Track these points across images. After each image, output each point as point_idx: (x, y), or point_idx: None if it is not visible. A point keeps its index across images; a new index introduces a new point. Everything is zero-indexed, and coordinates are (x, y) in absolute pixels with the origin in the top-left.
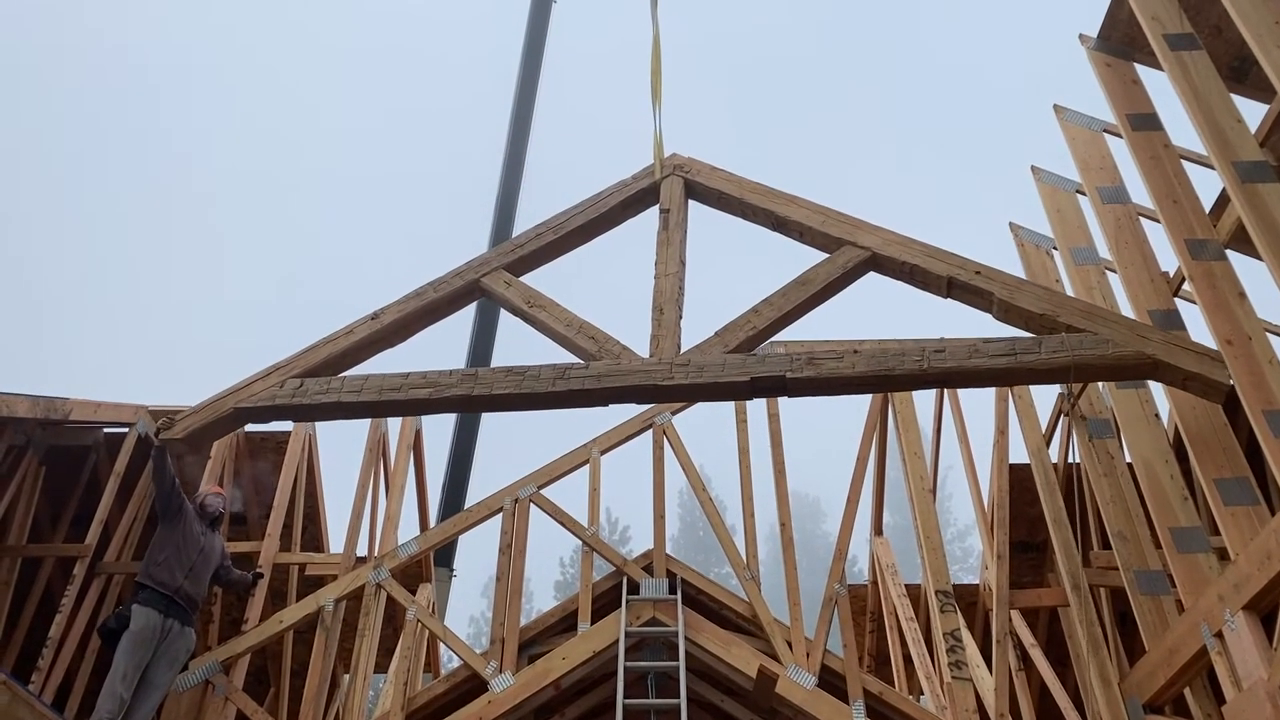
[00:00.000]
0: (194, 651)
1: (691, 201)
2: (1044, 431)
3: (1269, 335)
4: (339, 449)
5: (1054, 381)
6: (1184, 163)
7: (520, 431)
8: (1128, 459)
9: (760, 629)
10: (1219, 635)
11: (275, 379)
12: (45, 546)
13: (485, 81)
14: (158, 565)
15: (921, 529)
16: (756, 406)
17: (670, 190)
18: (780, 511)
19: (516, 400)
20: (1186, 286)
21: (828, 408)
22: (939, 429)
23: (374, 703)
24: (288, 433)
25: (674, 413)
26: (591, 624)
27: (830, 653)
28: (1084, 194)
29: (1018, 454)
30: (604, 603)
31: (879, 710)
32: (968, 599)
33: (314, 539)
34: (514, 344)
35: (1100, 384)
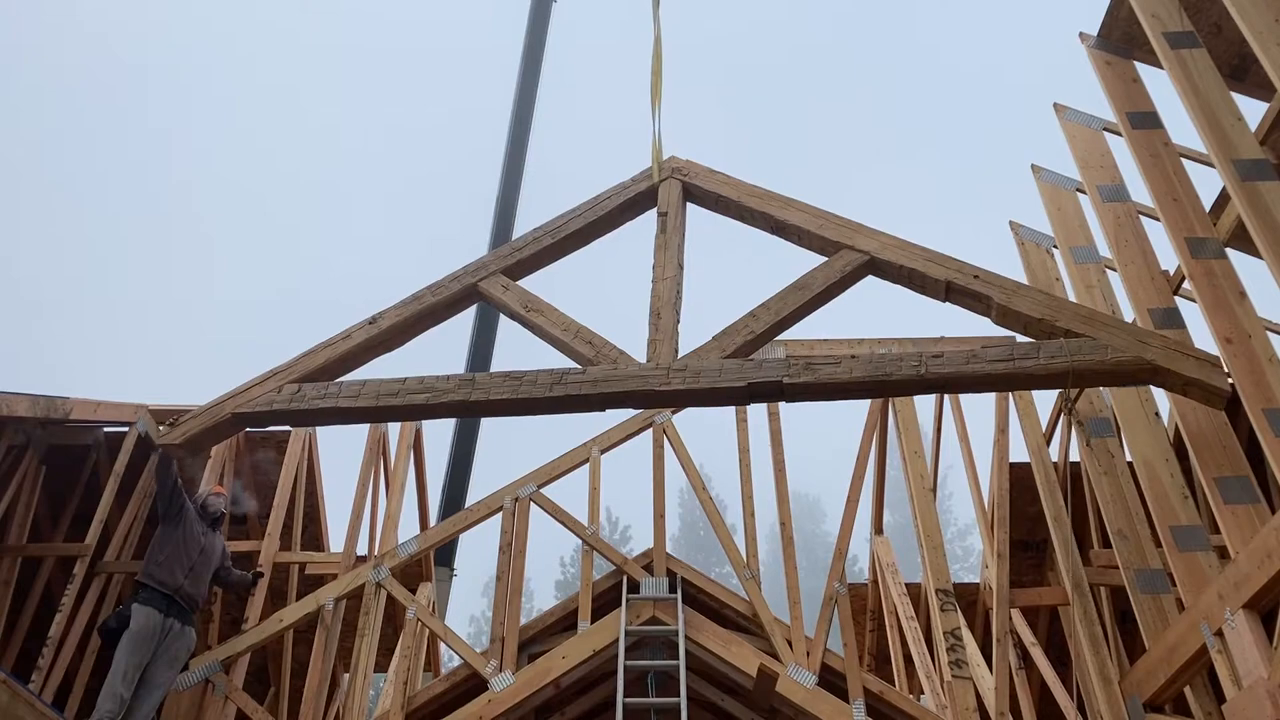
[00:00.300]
0: (194, 651)
1: (690, 205)
2: (1044, 431)
3: (1269, 333)
4: (339, 448)
5: (1052, 387)
6: (1184, 161)
7: (520, 430)
8: (1128, 457)
9: (760, 628)
10: (1219, 634)
11: (273, 384)
12: (45, 546)
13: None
14: (158, 565)
15: (922, 528)
16: (757, 406)
17: (668, 193)
18: (780, 510)
19: (513, 405)
20: (1186, 285)
21: (828, 407)
22: (939, 428)
23: (374, 702)
24: (288, 431)
25: (674, 412)
26: (592, 623)
27: (830, 652)
28: (1084, 192)
29: (1018, 453)
30: (604, 602)
31: (879, 709)
32: (968, 598)
33: (314, 538)
34: (515, 347)
35: None
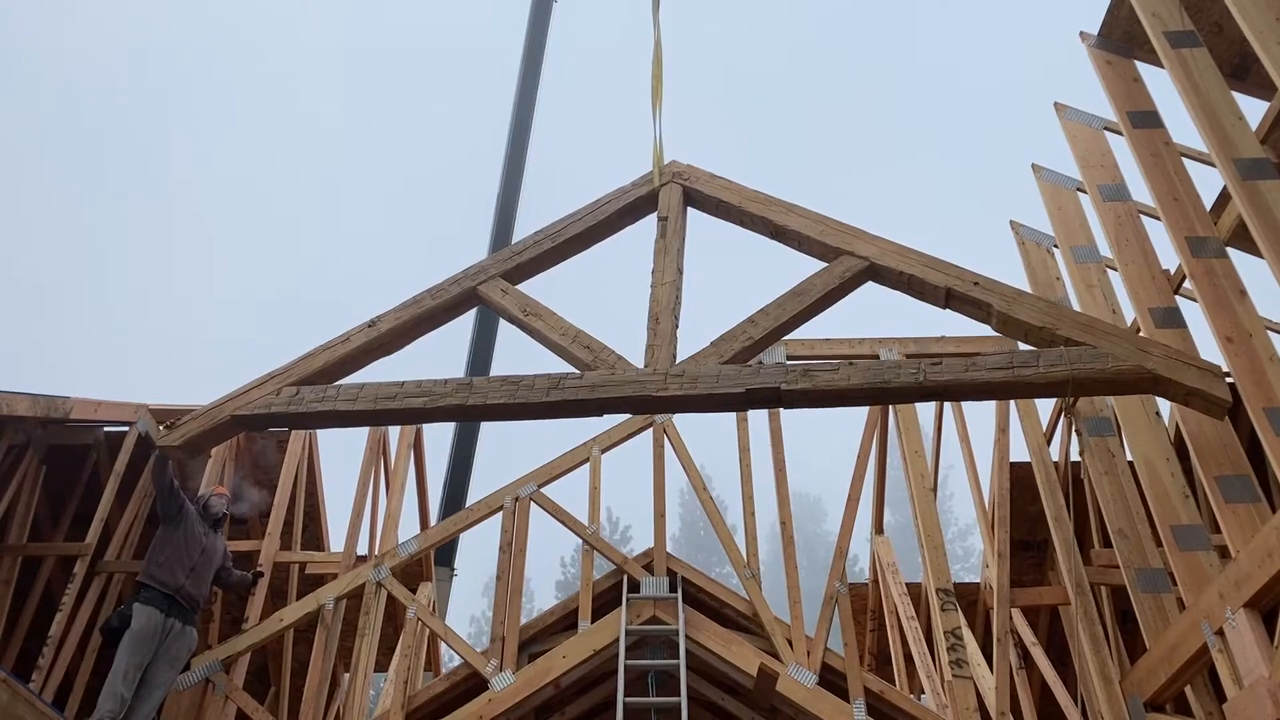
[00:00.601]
0: (195, 650)
1: (690, 209)
2: (1045, 430)
3: (1270, 332)
4: (340, 448)
5: (1052, 395)
6: (1185, 160)
7: (521, 430)
8: (1128, 457)
9: (761, 627)
10: (1220, 633)
11: (272, 386)
12: (46, 545)
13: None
14: (159, 565)
15: (922, 527)
16: None
17: (669, 198)
18: (781, 510)
19: (511, 410)
20: (1187, 284)
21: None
22: (940, 428)
23: (374, 701)
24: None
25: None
26: (592, 622)
27: (831, 651)
28: (1084, 192)
29: (1018, 452)
30: (604, 601)
31: (880, 709)
32: (968, 597)
33: (314, 538)
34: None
35: None
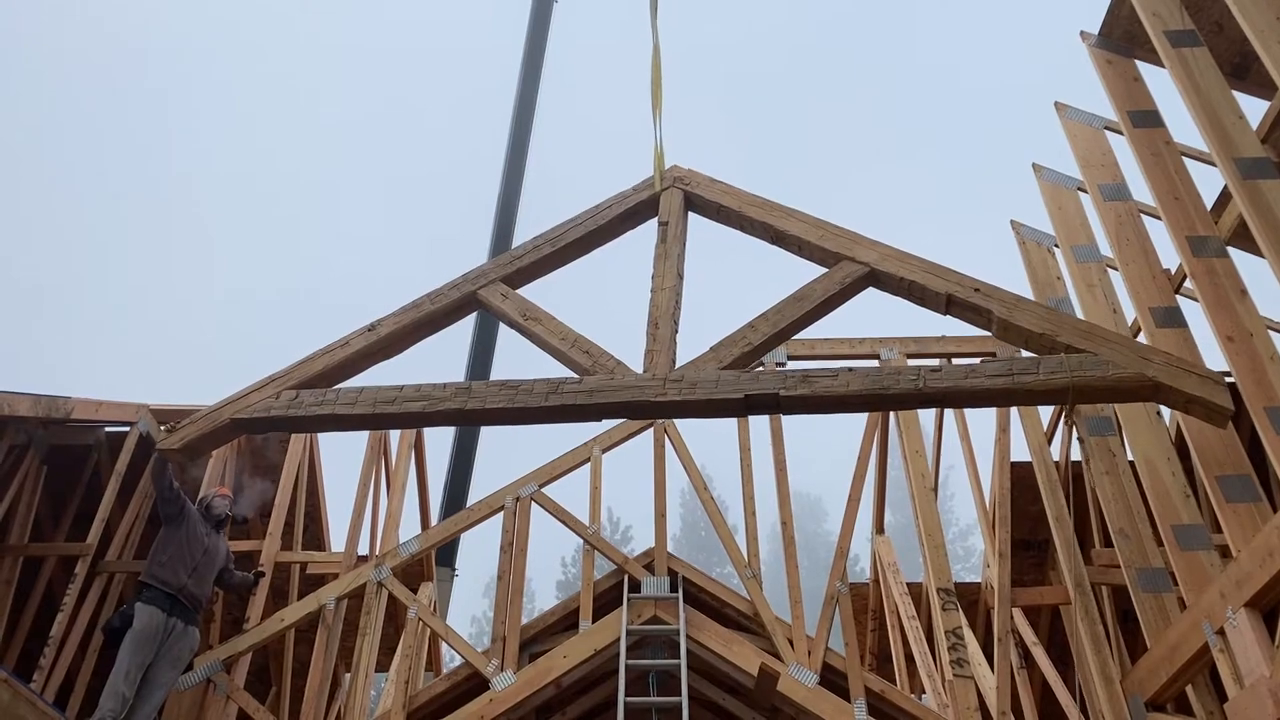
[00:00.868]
0: (196, 650)
1: (690, 214)
2: (1045, 430)
3: (1270, 332)
4: (341, 448)
5: (1052, 403)
6: (1185, 159)
7: (522, 430)
8: (1129, 456)
9: (762, 627)
10: (1221, 632)
11: (271, 390)
12: (47, 545)
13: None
14: (161, 565)
15: (923, 527)
16: None
17: (669, 202)
18: (782, 510)
19: (509, 415)
20: (1188, 283)
21: None
22: (940, 428)
23: (375, 701)
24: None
25: None
26: (593, 622)
27: (832, 651)
28: (1085, 191)
29: (1019, 452)
30: (605, 601)
31: (880, 708)
32: (969, 597)
33: (315, 538)
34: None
35: None
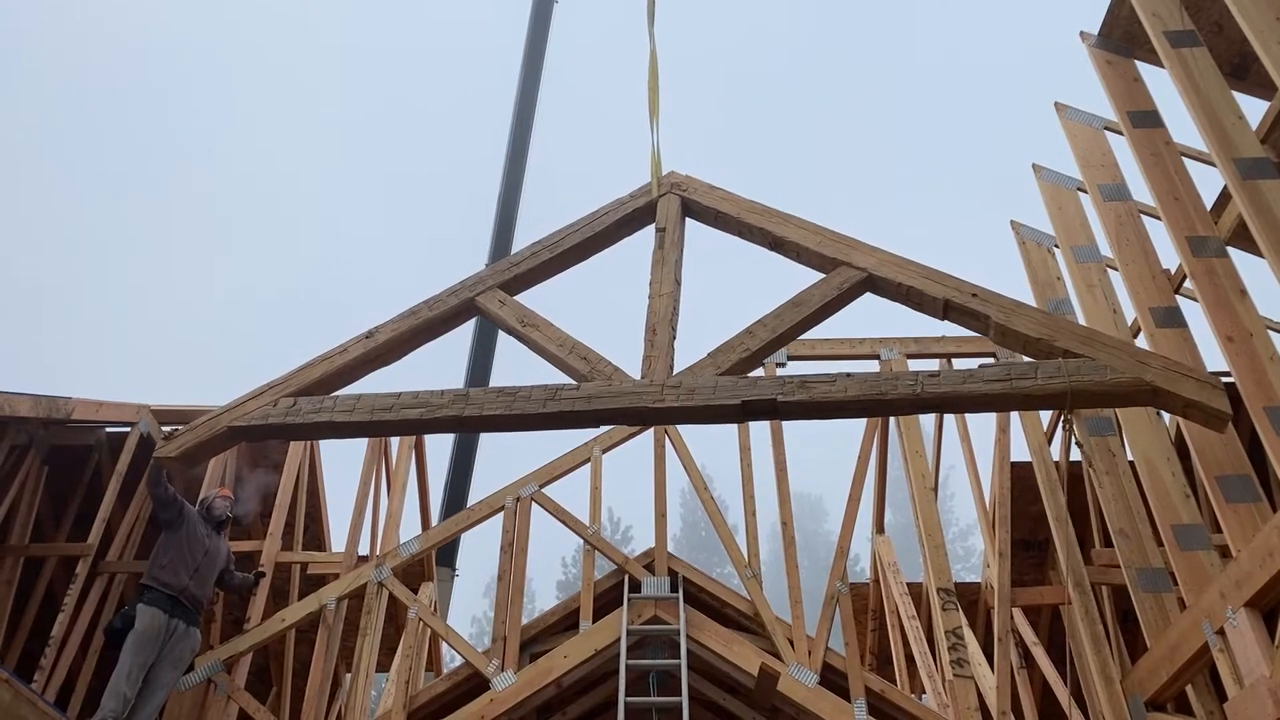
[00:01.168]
0: (198, 651)
1: (688, 220)
2: (1045, 430)
3: (1270, 332)
4: (341, 448)
5: (1050, 407)
6: (1185, 160)
7: None
8: (1129, 456)
9: (762, 627)
10: (1221, 632)
11: (269, 397)
12: (48, 546)
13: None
14: (162, 568)
15: (923, 527)
16: None
17: (667, 209)
18: (782, 510)
19: (508, 421)
20: (1188, 284)
21: None
22: (940, 428)
23: (376, 701)
24: None
25: None
26: (593, 622)
27: (832, 651)
28: (1085, 191)
29: (1019, 452)
30: (606, 601)
31: (881, 708)
32: (969, 597)
33: (316, 538)
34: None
35: None
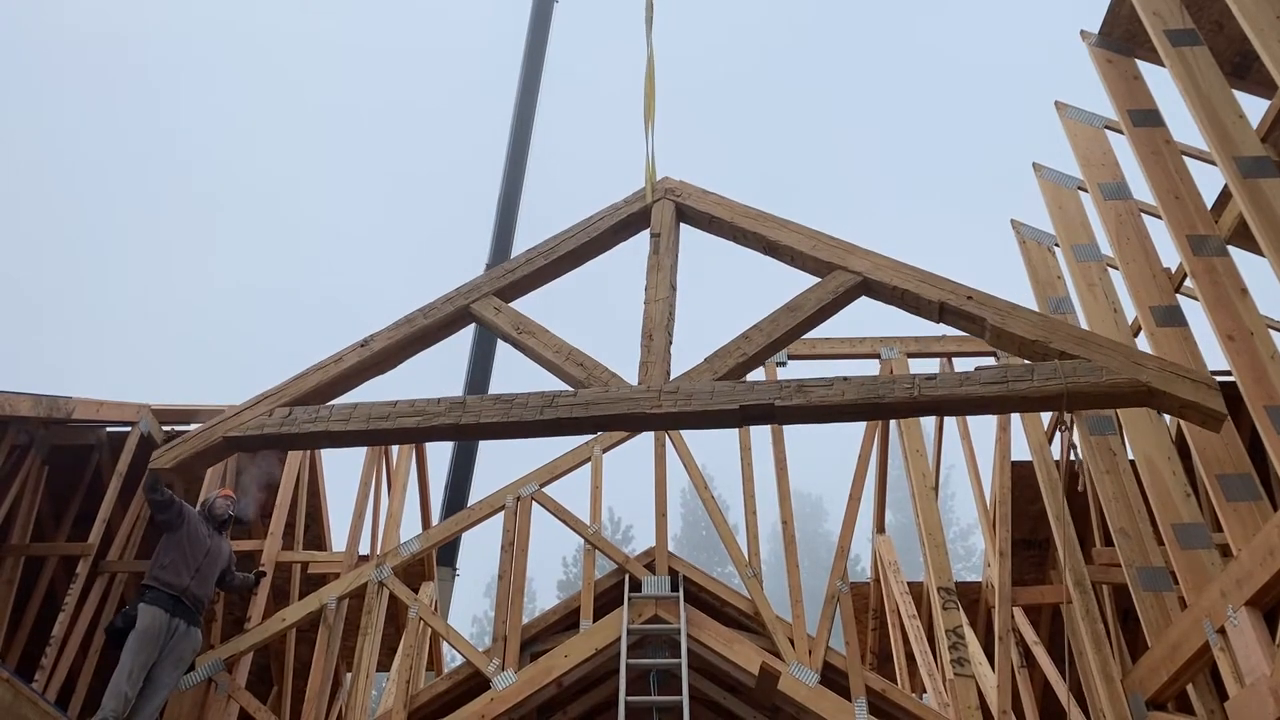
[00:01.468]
0: (199, 650)
1: (683, 225)
2: (1045, 429)
3: (1271, 330)
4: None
5: (1047, 409)
6: (1185, 159)
7: None
8: (1130, 455)
9: (762, 626)
10: (1221, 631)
11: (264, 407)
12: (48, 545)
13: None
14: (164, 568)
15: (924, 526)
16: None
17: (661, 214)
18: (782, 509)
19: (505, 429)
20: (1188, 282)
21: None
22: (941, 427)
23: (376, 701)
24: None
25: None
26: (594, 622)
27: (833, 650)
28: (1085, 190)
29: (1020, 452)
30: (606, 600)
31: (881, 707)
32: (970, 596)
33: (316, 537)
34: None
35: None
